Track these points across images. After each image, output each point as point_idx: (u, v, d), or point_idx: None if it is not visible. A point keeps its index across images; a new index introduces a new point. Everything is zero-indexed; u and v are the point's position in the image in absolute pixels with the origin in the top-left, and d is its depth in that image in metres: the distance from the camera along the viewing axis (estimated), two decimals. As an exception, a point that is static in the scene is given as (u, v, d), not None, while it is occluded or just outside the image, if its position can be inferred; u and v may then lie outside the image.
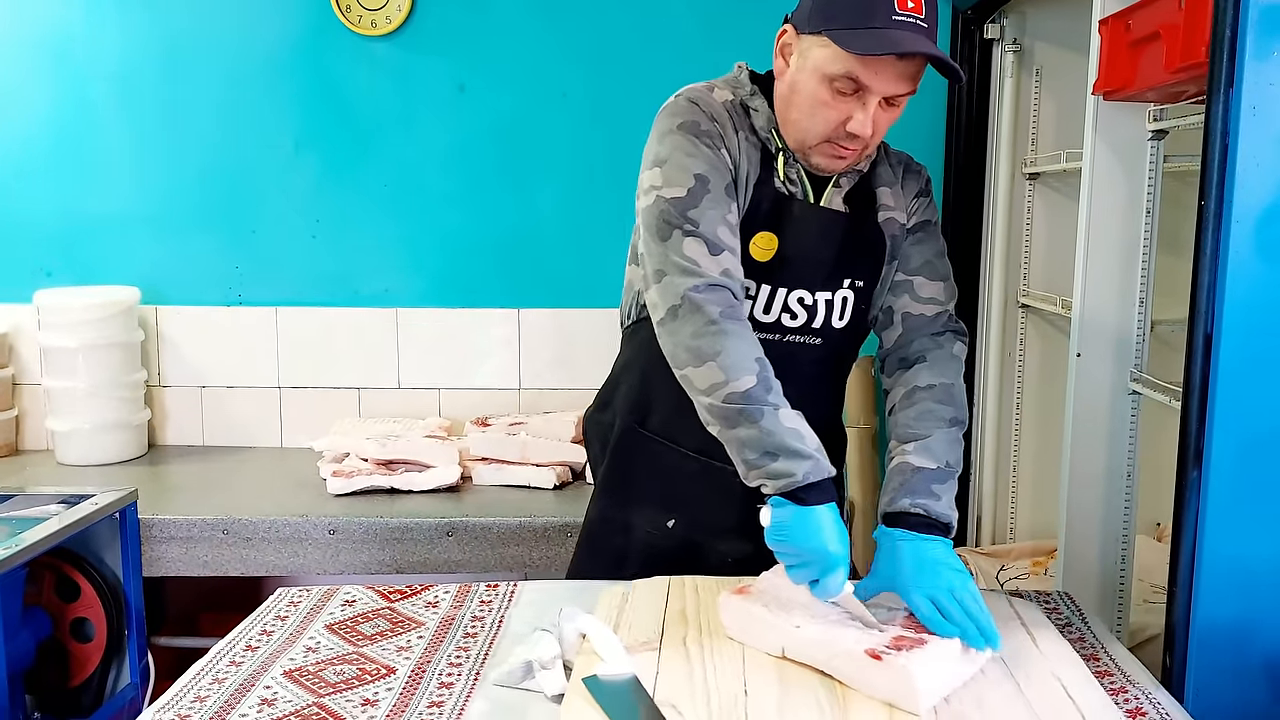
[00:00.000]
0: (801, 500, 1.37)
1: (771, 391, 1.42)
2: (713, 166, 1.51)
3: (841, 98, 1.46)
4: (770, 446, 1.39)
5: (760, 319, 1.59)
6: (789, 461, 1.38)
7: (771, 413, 1.40)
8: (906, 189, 1.66)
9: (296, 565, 2.56)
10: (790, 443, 1.39)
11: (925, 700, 1.22)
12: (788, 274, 1.58)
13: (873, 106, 1.46)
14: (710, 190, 1.49)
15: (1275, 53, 1.28)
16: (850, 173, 1.61)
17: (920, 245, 1.66)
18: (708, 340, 1.43)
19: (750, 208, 1.55)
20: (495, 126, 3.10)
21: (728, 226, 1.50)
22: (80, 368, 2.95)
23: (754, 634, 1.39)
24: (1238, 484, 1.36)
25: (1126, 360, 2.02)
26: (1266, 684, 1.37)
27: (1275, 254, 1.32)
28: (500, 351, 3.17)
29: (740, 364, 1.42)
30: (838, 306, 1.61)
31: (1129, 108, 1.96)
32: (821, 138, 1.51)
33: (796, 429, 1.41)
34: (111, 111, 3.12)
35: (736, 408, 1.41)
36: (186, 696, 1.38)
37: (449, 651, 1.51)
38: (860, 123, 1.46)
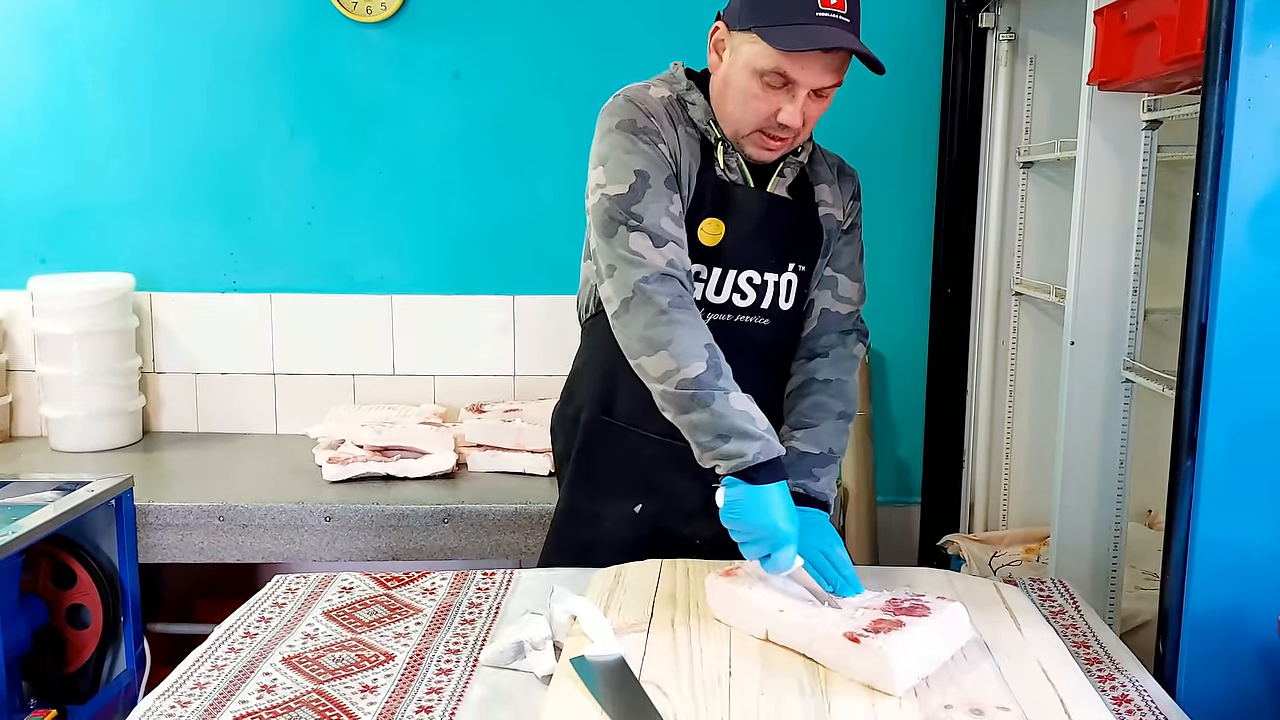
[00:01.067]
0: (752, 479, 1.44)
1: (722, 376, 1.49)
2: (651, 161, 1.58)
3: (771, 91, 1.54)
4: (722, 429, 1.46)
5: (713, 300, 1.65)
6: (740, 443, 1.44)
7: (722, 397, 1.47)
8: (843, 190, 1.74)
9: (292, 552, 2.56)
10: (741, 425, 1.45)
11: (901, 681, 1.24)
12: (736, 256, 1.65)
13: (801, 98, 1.54)
14: (651, 185, 1.56)
15: (1271, 46, 1.28)
16: (792, 164, 1.69)
17: (849, 247, 1.75)
18: (659, 330, 1.50)
19: (695, 196, 1.62)
20: (490, 113, 3.09)
21: (670, 218, 1.56)
22: (75, 354, 2.94)
23: (739, 616, 1.42)
24: (1231, 472, 1.37)
25: (1120, 349, 2.03)
26: (1259, 670, 1.39)
27: (1269, 245, 1.33)
28: (495, 338, 3.18)
29: (691, 351, 1.49)
30: (783, 288, 1.68)
31: (1123, 98, 1.97)
32: (754, 128, 1.59)
33: (746, 411, 1.47)
34: (105, 97, 3.11)
35: (689, 393, 1.48)
36: (186, 683, 1.39)
37: (447, 638, 1.52)
38: (790, 114, 1.54)
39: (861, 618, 1.34)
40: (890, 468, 3.19)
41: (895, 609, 1.35)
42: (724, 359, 1.51)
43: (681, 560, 1.63)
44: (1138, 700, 1.33)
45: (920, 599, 1.37)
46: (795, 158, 1.69)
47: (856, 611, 1.36)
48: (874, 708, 1.22)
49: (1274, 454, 1.37)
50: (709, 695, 1.24)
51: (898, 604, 1.37)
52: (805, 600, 1.41)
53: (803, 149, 1.69)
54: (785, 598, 1.40)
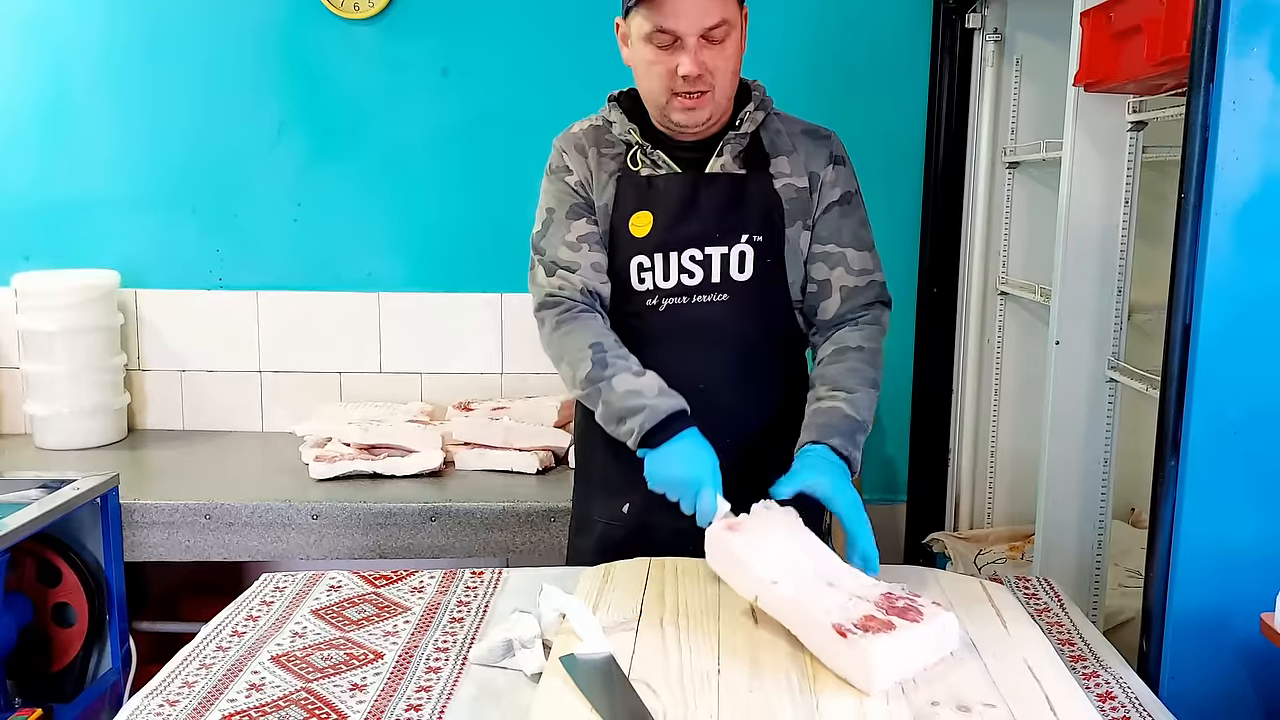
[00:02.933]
0: (651, 444, 1.56)
1: (607, 366, 1.63)
2: (558, 199, 1.76)
3: (664, 52, 1.62)
4: (616, 414, 1.60)
5: (663, 286, 1.71)
6: (631, 420, 1.58)
7: (608, 386, 1.61)
8: (814, 157, 1.75)
9: (279, 550, 2.56)
10: (627, 404, 1.59)
11: (879, 684, 1.24)
12: (672, 237, 1.70)
13: (692, 47, 1.59)
14: (554, 219, 1.76)
15: (1255, 49, 1.30)
16: (733, 139, 1.71)
17: (847, 218, 1.75)
18: (554, 347, 1.71)
19: (618, 200, 1.72)
20: (479, 111, 3.09)
21: (567, 246, 1.73)
22: (59, 351, 2.93)
23: (733, 575, 1.42)
24: (1215, 471, 1.38)
25: (1104, 348, 2.05)
26: (1241, 667, 1.40)
27: (1253, 246, 1.35)
28: (483, 336, 3.17)
29: (577, 356, 1.65)
30: (734, 260, 1.70)
31: (1109, 99, 1.98)
32: (666, 93, 1.65)
33: (631, 389, 1.60)
34: (92, 93, 3.09)
35: (586, 393, 1.65)
36: (174, 682, 1.39)
37: (436, 636, 1.52)
38: (685, 64, 1.60)
39: (853, 609, 1.32)
40: (876, 466, 3.20)
41: (889, 606, 1.35)
42: (612, 345, 1.65)
43: (670, 559, 1.64)
44: (1122, 697, 1.34)
45: (915, 600, 1.36)
46: (735, 131, 1.70)
47: (850, 600, 1.34)
48: (861, 705, 1.22)
49: (1257, 453, 1.38)
50: (698, 693, 1.25)
51: (891, 601, 1.36)
52: (800, 573, 1.38)
53: (744, 119, 1.71)
54: (782, 567, 1.39)
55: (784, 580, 1.37)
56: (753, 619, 1.45)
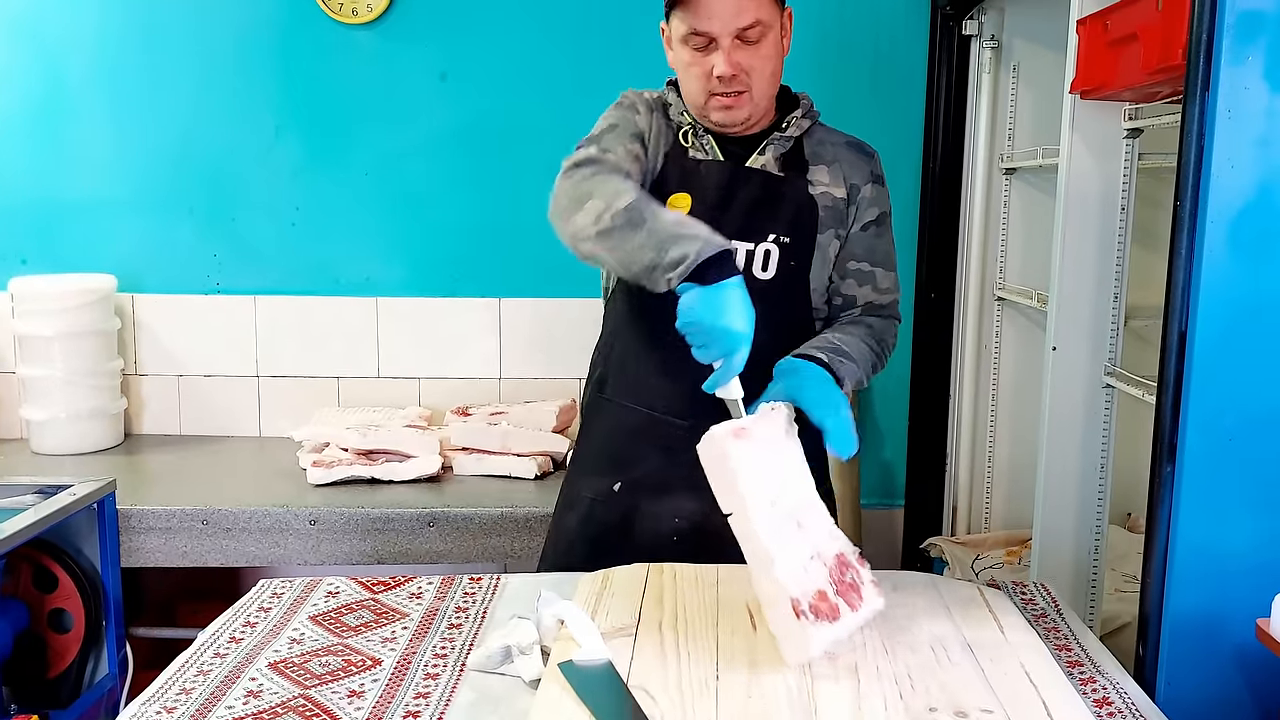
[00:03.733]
0: (702, 279, 1.41)
1: (652, 202, 1.52)
2: (624, 121, 1.73)
3: (700, 54, 1.65)
4: (660, 240, 1.44)
5: None
6: (681, 246, 1.42)
7: (653, 214, 1.48)
8: (855, 170, 1.76)
9: (277, 556, 2.56)
10: (677, 230, 1.45)
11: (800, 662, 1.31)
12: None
13: (727, 48, 1.62)
14: (615, 131, 1.70)
15: (1250, 58, 1.30)
16: (777, 140, 1.72)
17: (880, 239, 1.78)
18: (583, 186, 1.57)
19: (662, 175, 1.72)
20: (477, 115, 3.09)
21: (624, 148, 1.67)
22: (56, 356, 2.93)
23: (717, 480, 1.36)
24: (1211, 477, 1.39)
25: (1101, 354, 2.05)
26: (1238, 673, 1.41)
27: (1249, 253, 1.35)
28: (481, 341, 3.18)
29: (617, 190, 1.53)
30: (759, 257, 1.70)
31: (1105, 106, 1.99)
32: (703, 93, 1.68)
33: (679, 219, 1.49)
34: (89, 97, 3.09)
35: (622, 220, 1.48)
36: (172, 689, 1.39)
37: (434, 643, 1.52)
38: (720, 65, 1.62)
39: (810, 577, 1.34)
40: (874, 471, 3.21)
41: (839, 581, 1.37)
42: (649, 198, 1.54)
43: (669, 564, 1.64)
44: (1119, 702, 1.34)
45: (860, 578, 1.40)
46: (780, 133, 1.72)
47: (810, 560, 1.35)
48: (859, 710, 1.23)
49: (1253, 459, 1.39)
50: (696, 699, 1.25)
51: (842, 573, 1.38)
52: (779, 505, 1.36)
53: (790, 124, 1.73)
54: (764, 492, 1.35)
55: (759, 510, 1.33)
56: (751, 625, 1.45)
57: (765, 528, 1.34)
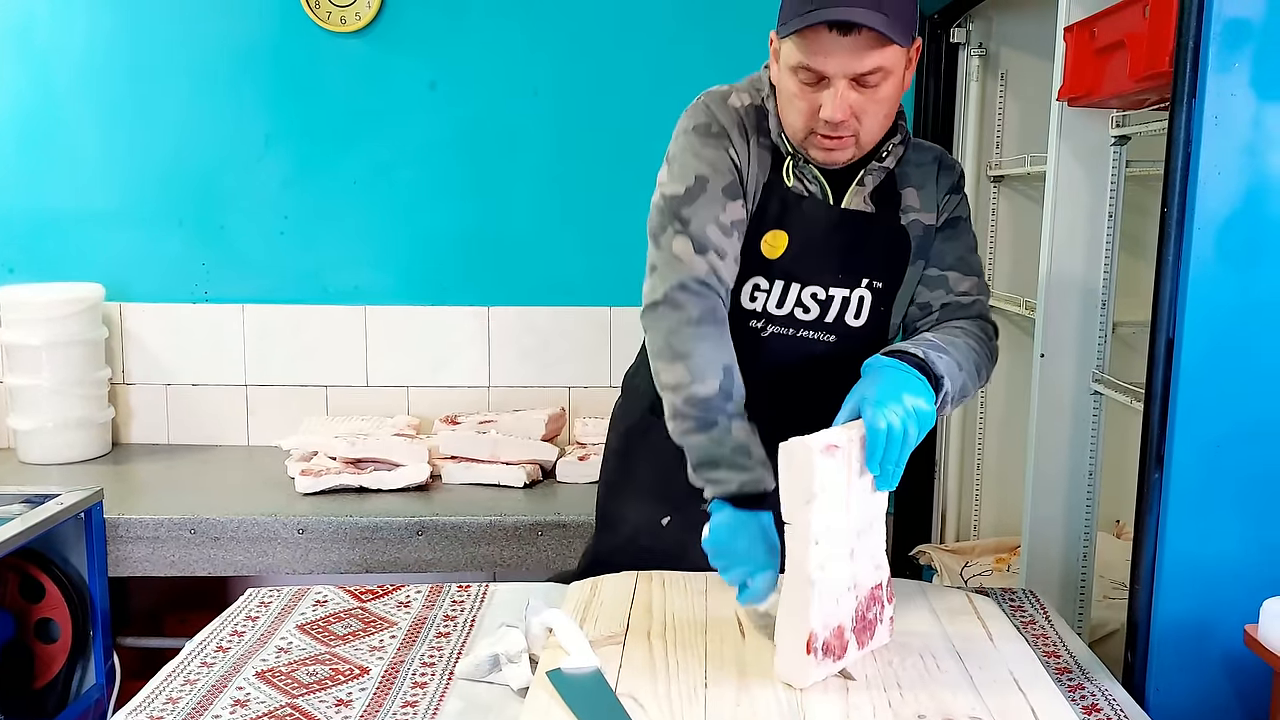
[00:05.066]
0: (737, 505, 1.43)
1: (731, 400, 1.47)
2: (714, 168, 1.55)
3: (809, 89, 1.48)
4: (716, 456, 1.45)
5: (774, 312, 1.60)
6: (730, 471, 1.44)
7: (725, 423, 1.45)
8: (940, 187, 1.65)
9: (265, 565, 2.54)
10: (735, 457, 1.44)
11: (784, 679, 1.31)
12: (800, 269, 1.59)
13: (840, 90, 1.45)
14: (706, 190, 1.54)
15: (1237, 65, 1.31)
16: (875, 170, 1.59)
17: (953, 241, 1.66)
18: (682, 340, 1.49)
19: (759, 208, 1.58)
20: (466, 124, 3.09)
21: (719, 226, 1.53)
22: (43, 365, 2.91)
23: (791, 490, 1.29)
24: (1198, 485, 1.39)
25: (1089, 361, 2.05)
26: (1225, 679, 1.41)
27: (1236, 260, 1.36)
28: (470, 350, 3.17)
29: (707, 369, 1.47)
30: (853, 305, 1.61)
31: (1092, 113, 1.99)
32: (804, 130, 1.52)
33: (744, 444, 1.45)
34: (77, 105, 3.08)
35: (695, 413, 1.47)
36: (159, 698, 1.38)
37: (422, 651, 1.52)
38: (829, 108, 1.46)
39: (843, 606, 1.32)
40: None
41: (860, 619, 1.35)
42: (738, 375, 1.49)
43: (658, 572, 1.64)
44: (1107, 709, 1.35)
45: (880, 615, 1.38)
46: (879, 163, 1.59)
47: (848, 590, 1.32)
48: (848, 718, 1.23)
49: (1241, 467, 1.39)
50: (685, 707, 1.25)
51: (867, 609, 1.36)
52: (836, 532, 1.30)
53: (888, 153, 1.58)
54: (828, 516, 1.29)
55: (816, 532, 1.28)
56: (740, 633, 1.45)
57: (814, 554, 1.28)
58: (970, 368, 1.53)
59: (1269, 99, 1.32)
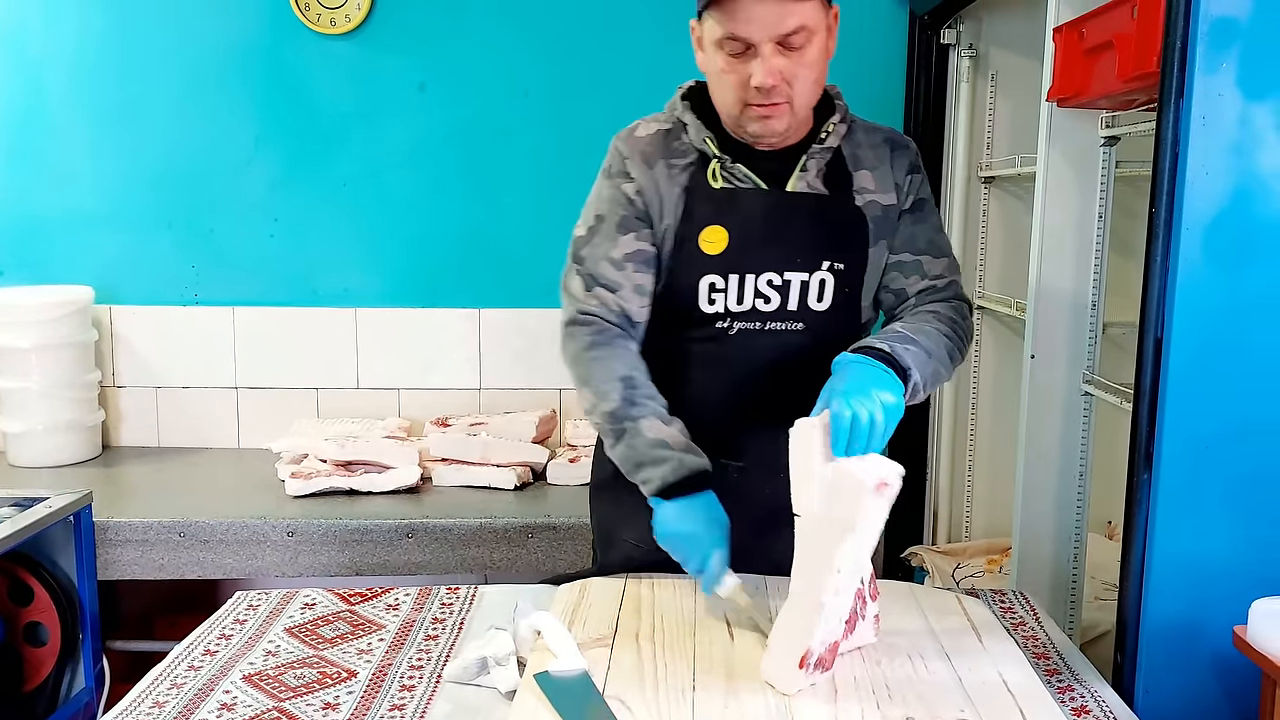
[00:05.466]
0: (668, 496, 1.49)
1: (635, 406, 1.54)
2: (611, 205, 1.64)
3: (737, 61, 1.51)
4: (637, 459, 1.53)
5: (735, 309, 1.60)
6: (651, 469, 1.51)
7: (633, 428, 1.53)
8: (896, 167, 1.66)
9: (254, 568, 2.53)
10: (651, 453, 1.51)
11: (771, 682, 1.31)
12: (749, 259, 1.59)
13: (768, 55, 1.48)
14: (601, 229, 1.64)
15: (1224, 65, 1.31)
16: (817, 154, 1.60)
17: (923, 224, 1.67)
18: (580, 367, 1.60)
19: (685, 214, 1.60)
20: (456, 126, 3.08)
21: (610, 262, 1.62)
22: (33, 368, 2.90)
23: (797, 476, 1.32)
24: (1187, 485, 1.39)
25: (1079, 362, 2.06)
26: (1214, 680, 1.41)
27: (1224, 260, 1.36)
28: (460, 351, 3.16)
29: (605, 387, 1.56)
30: (814, 288, 1.60)
31: (1082, 114, 2.00)
32: (739, 104, 1.54)
33: (658, 439, 1.52)
34: (66, 108, 3.07)
35: (609, 426, 1.56)
36: (145, 702, 1.37)
37: (410, 654, 1.51)
38: (759, 74, 1.49)
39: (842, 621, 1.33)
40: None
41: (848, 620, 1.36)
42: (643, 382, 1.57)
43: (646, 574, 1.63)
44: (1096, 711, 1.34)
45: (862, 613, 1.38)
46: (820, 145, 1.60)
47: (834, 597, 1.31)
48: (837, 720, 1.22)
49: (1229, 467, 1.39)
50: (673, 709, 1.24)
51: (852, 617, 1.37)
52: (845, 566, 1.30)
53: (828, 134, 1.60)
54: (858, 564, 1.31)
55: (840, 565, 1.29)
56: (729, 636, 1.44)
57: (833, 581, 1.28)
58: (941, 354, 1.55)
59: (1256, 98, 1.32)
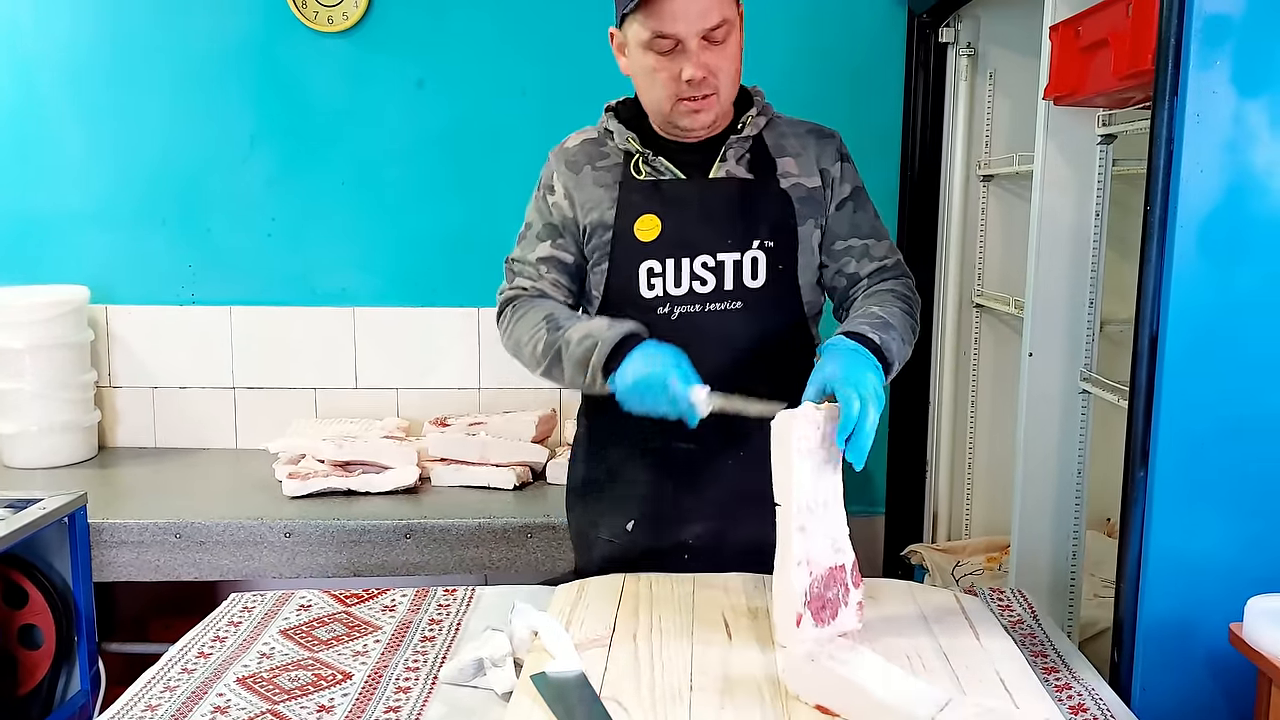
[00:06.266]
0: (615, 367, 1.55)
1: (560, 328, 1.63)
2: (536, 213, 1.79)
3: (665, 58, 1.60)
4: (577, 364, 1.59)
5: (674, 293, 1.68)
6: (590, 360, 1.57)
7: (564, 343, 1.61)
8: (823, 154, 1.75)
9: (251, 569, 2.53)
10: (584, 350, 1.58)
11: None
12: (682, 243, 1.68)
13: (694, 50, 1.58)
14: (529, 234, 1.79)
15: (1218, 63, 1.31)
16: (736, 144, 1.70)
17: (863, 211, 1.76)
18: (513, 338, 1.73)
19: (621, 207, 1.70)
20: (454, 124, 3.08)
21: (531, 265, 1.77)
22: (28, 368, 2.90)
23: (779, 466, 1.41)
24: (1183, 482, 1.39)
25: (1077, 359, 2.05)
26: (1209, 677, 1.40)
27: (1218, 257, 1.35)
28: (459, 351, 3.16)
29: (532, 334, 1.67)
30: (747, 266, 1.68)
31: (1079, 112, 1.99)
32: (670, 100, 1.63)
33: (583, 334, 1.59)
34: (61, 106, 3.07)
35: (546, 360, 1.65)
36: (138, 705, 1.37)
37: (406, 656, 1.51)
38: (689, 69, 1.59)
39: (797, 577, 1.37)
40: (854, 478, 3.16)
41: (820, 598, 1.39)
42: (564, 311, 1.68)
43: (645, 574, 1.63)
44: (1093, 709, 1.34)
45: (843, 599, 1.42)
46: (738, 135, 1.69)
47: (799, 565, 1.38)
48: (833, 721, 1.22)
49: (1225, 463, 1.39)
50: (670, 710, 1.24)
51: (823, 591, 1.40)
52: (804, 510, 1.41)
53: (745, 124, 1.70)
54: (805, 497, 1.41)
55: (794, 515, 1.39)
56: (727, 635, 1.44)
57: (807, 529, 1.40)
58: (908, 334, 1.65)
59: (1250, 96, 1.32)
